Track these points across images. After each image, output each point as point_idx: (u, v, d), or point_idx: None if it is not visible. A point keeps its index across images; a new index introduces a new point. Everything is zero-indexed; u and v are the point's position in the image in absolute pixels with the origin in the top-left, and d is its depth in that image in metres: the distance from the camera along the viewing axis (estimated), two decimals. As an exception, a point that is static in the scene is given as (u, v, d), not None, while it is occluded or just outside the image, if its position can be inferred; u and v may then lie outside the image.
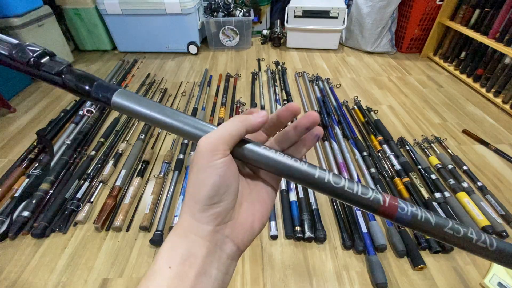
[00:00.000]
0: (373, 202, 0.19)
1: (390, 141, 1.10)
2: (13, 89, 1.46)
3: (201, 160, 0.18)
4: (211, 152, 0.18)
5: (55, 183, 0.92)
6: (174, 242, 0.18)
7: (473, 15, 1.51)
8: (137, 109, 0.21)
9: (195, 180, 0.18)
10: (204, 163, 0.18)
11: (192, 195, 0.18)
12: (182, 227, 0.18)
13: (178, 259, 0.17)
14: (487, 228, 0.78)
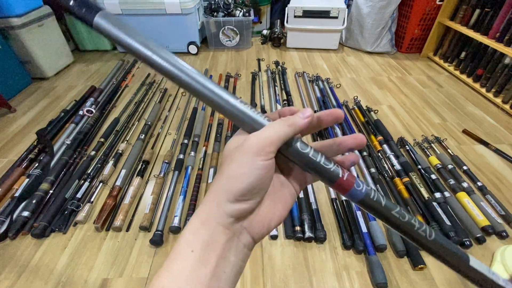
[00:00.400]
0: (333, 173, 0.20)
1: (390, 141, 1.10)
2: (13, 89, 1.46)
3: (244, 155, 0.18)
4: (257, 152, 0.18)
5: (55, 183, 0.92)
6: (196, 227, 0.18)
7: (473, 15, 1.51)
8: (120, 36, 0.20)
9: (232, 173, 0.18)
10: (246, 160, 0.18)
11: (224, 186, 0.18)
12: (205, 214, 0.18)
13: (200, 244, 0.17)
14: (487, 228, 0.78)
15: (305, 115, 0.20)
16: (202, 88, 0.20)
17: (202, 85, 0.21)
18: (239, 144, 0.19)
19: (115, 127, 1.20)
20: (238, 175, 0.18)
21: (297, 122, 0.19)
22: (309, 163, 0.20)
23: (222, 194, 0.18)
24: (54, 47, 1.65)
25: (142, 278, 0.70)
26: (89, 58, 1.88)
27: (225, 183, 0.18)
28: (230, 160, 0.19)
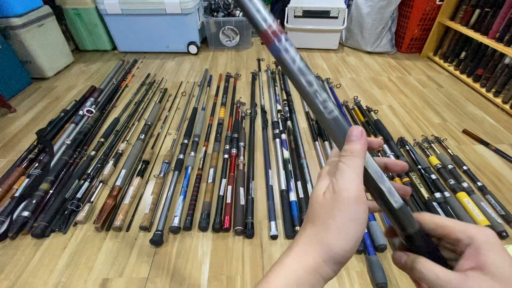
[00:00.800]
0: (260, 22, 0.19)
1: (390, 141, 1.10)
2: (13, 89, 1.46)
3: (345, 210, 0.18)
4: (355, 203, 0.18)
5: (55, 183, 0.92)
6: (302, 276, 0.18)
7: (473, 15, 1.51)
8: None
9: (338, 231, 0.18)
10: (348, 216, 0.18)
11: (331, 244, 0.19)
12: (311, 265, 0.19)
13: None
14: (487, 228, 0.78)
15: (359, 136, 0.19)
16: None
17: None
18: (331, 199, 0.19)
19: (115, 127, 1.20)
20: (343, 234, 0.18)
21: (357, 149, 0.19)
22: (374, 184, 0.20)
23: (329, 252, 0.19)
24: (54, 47, 1.65)
25: (142, 278, 0.70)
26: (89, 58, 1.88)
27: (332, 242, 0.18)
28: (329, 216, 0.19)
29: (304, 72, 0.20)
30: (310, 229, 0.20)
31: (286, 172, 0.97)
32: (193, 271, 0.71)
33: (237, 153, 1.04)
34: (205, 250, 0.76)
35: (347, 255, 0.19)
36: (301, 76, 0.20)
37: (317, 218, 0.20)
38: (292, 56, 0.20)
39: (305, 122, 1.26)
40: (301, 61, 0.21)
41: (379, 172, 0.20)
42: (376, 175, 0.20)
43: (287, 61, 0.20)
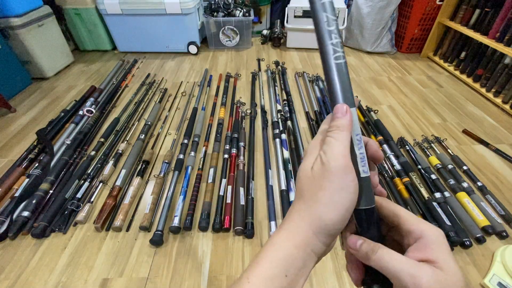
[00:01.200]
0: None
1: (390, 141, 1.10)
2: (13, 89, 1.46)
3: (334, 180, 0.19)
4: (344, 171, 0.19)
5: (55, 183, 0.92)
6: (292, 253, 0.18)
7: (473, 15, 1.51)
8: None
9: (328, 201, 0.19)
10: (337, 185, 0.19)
11: (321, 215, 0.19)
12: (302, 240, 0.19)
13: (294, 270, 0.18)
14: (487, 228, 0.78)
15: (342, 112, 0.20)
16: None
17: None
18: (320, 168, 0.19)
19: (115, 127, 1.20)
20: (333, 203, 0.19)
21: (344, 123, 0.20)
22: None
23: (320, 224, 0.19)
24: (54, 47, 1.65)
25: (142, 278, 0.70)
26: (89, 58, 1.88)
27: (321, 212, 0.19)
28: (319, 187, 0.19)
29: (327, 9, 0.20)
30: (299, 204, 0.20)
31: (286, 172, 0.97)
32: (193, 271, 0.71)
33: (237, 153, 1.04)
34: (205, 250, 0.76)
35: (337, 226, 0.19)
36: (322, 11, 0.20)
37: (306, 192, 0.20)
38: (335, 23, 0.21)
39: (305, 122, 1.26)
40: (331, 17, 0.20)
41: (359, 136, 0.21)
42: (355, 139, 0.20)
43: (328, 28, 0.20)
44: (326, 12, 0.20)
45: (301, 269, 0.18)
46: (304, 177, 0.21)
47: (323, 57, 0.21)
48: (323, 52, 0.21)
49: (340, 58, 0.20)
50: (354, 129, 0.20)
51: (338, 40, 0.20)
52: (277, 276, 0.17)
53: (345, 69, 0.20)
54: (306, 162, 0.21)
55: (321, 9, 0.20)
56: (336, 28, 0.20)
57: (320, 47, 0.21)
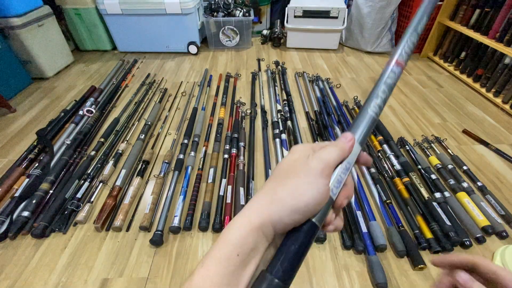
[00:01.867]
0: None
1: (390, 141, 1.10)
2: (13, 89, 1.46)
3: (308, 175, 0.20)
4: (321, 173, 0.20)
5: (55, 183, 0.92)
6: (246, 233, 0.19)
7: (473, 15, 1.51)
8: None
9: (296, 189, 0.20)
10: (310, 179, 0.20)
11: (284, 200, 0.19)
12: (258, 222, 0.19)
13: (246, 250, 0.18)
14: (487, 228, 0.78)
15: (347, 139, 0.22)
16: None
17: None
18: (302, 161, 0.21)
19: (115, 127, 1.20)
20: (301, 192, 0.19)
21: (343, 146, 0.22)
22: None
23: (281, 208, 0.19)
24: (54, 47, 1.65)
25: (142, 278, 0.70)
26: (89, 58, 1.88)
27: (285, 197, 0.19)
28: (294, 174, 0.20)
29: (391, 87, 0.25)
30: (267, 185, 0.21)
31: (286, 172, 0.97)
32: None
33: (237, 153, 1.04)
34: (205, 250, 0.76)
35: (293, 216, 0.19)
36: (385, 85, 0.25)
37: (278, 177, 0.21)
38: (395, 78, 0.26)
39: (305, 122, 1.26)
40: (393, 80, 0.26)
41: (349, 165, 0.23)
42: (345, 164, 0.22)
43: (389, 76, 0.26)
44: (387, 86, 0.25)
45: (253, 249, 0.18)
46: (283, 163, 0.22)
47: (366, 104, 0.25)
48: (368, 100, 0.25)
49: (374, 114, 0.24)
50: (348, 158, 0.22)
51: (381, 101, 0.25)
52: (229, 257, 0.18)
53: (373, 122, 0.24)
54: (290, 156, 0.23)
55: (384, 85, 0.25)
56: (384, 95, 0.25)
57: (369, 96, 0.25)
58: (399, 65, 0.26)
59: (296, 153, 0.22)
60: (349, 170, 0.23)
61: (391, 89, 0.25)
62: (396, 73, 0.26)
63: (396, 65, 0.26)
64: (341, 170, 0.22)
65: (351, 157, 0.22)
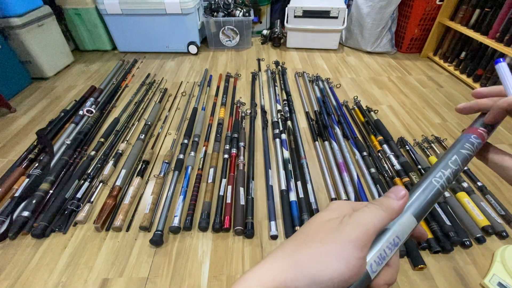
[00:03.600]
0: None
1: (390, 141, 1.10)
2: (13, 89, 1.46)
3: (341, 241, 0.16)
4: (357, 242, 0.16)
5: (55, 183, 0.92)
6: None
7: (473, 15, 1.51)
8: None
9: (319, 255, 0.16)
10: (342, 248, 0.16)
11: (304, 265, 0.16)
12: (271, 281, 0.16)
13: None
14: (487, 228, 0.78)
15: (398, 195, 0.18)
16: None
17: None
18: (335, 223, 0.17)
19: (115, 127, 1.20)
20: (326, 261, 0.16)
21: (391, 205, 0.17)
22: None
23: (298, 276, 0.16)
24: (54, 47, 1.65)
25: (142, 278, 0.70)
26: (89, 58, 1.88)
27: (307, 264, 0.16)
28: (321, 238, 0.17)
29: (466, 159, 0.22)
30: (287, 244, 0.18)
31: (286, 172, 0.97)
32: (193, 271, 0.71)
33: (237, 153, 1.04)
34: (205, 250, 0.76)
35: (322, 284, 0.15)
36: (457, 155, 0.22)
37: (303, 237, 0.18)
38: (473, 151, 0.23)
39: (305, 122, 1.26)
40: (468, 151, 0.23)
41: (397, 240, 0.18)
42: (392, 237, 0.18)
43: (464, 146, 0.23)
44: (458, 155, 0.22)
45: None
46: (313, 221, 0.19)
47: (430, 172, 0.21)
48: (433, 169, 0.22)
49: (441, 187, 0.20)
50: (398, 231, 0.18)
51: (451, 175, 0.21)
52: None
53: (436, 196, 0.20)
54: (324, 214, 0.19)
55: (457, 155, 0.22)
56: (456, 170, 0.21)
57: (434, 165, 0.22)
58: (479, 135, 0.22)
59: (332, 211, 0.19)
60: (397, 247, 0.18)
61: (466, 162, 0.22)
62: (474, 145, 0.22)
63: (476, 135, 0.22)
64: (387, 244, 0.17)
65: (402, 230, 0.18)
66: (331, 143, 1.10)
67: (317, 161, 1.05)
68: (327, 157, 1.05)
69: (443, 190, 0.20)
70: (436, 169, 0.21)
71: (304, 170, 0.98)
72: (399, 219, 0.19)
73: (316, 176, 0.99)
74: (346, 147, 1.08)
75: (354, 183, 0.93)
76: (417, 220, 0.19)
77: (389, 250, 0.18)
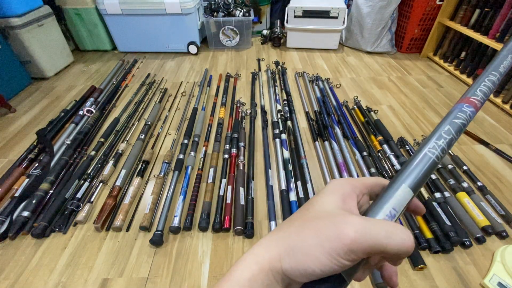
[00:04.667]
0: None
1: (390, 141, 1.10)
2: (13, 89, 1.46)
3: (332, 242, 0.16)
4: (348, 249, 0.15)
5: (55, 183, 0.92)
6: (255, 275, 0.16)
7: (473, 15, 1.51)
8: None
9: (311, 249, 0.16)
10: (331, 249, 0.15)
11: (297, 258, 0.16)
12: (265, 263, 0.16)
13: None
14: (487, 228, 0.78)
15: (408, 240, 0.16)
16: None
17: None
18: (338, 217, 0.17)
19: (115, 127, 1.20)
20: (314, 257, 0.16)
21: (405, 242, 0.16)
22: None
23: (293, 262, 0.16)
24: (54, 47, 1.65)
25: (142, 278, 0.70)
26: (89, 58, 1.88)
27: (300, 257, 0.16)
28: (318, 228, 0.16)
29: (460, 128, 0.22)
30: (285, 226, 0.18)
31: (286, 172, 0.97)
32: (193, 271, 0.71)
33: (237, 153, 1.04)
34: (205, 250, 0.76)
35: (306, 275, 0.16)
36: (450, 125, 0.22)
37: (301, 222, 0.18)
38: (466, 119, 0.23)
39: (305, 122, 1.26)
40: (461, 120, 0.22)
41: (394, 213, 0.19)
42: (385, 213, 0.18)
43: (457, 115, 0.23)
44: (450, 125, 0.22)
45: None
46: (311, 207, 0.19)
47: (423, 144, 0.21)
48: (426, 140, 0.21)
49: (436, 158, 0.20)
50: (395, 203, 0.18)
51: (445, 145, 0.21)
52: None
53: (431, 167, 0.20)
54: (324, 198, 0.19)
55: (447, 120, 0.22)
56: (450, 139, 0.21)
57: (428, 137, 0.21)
58: (471, 104, 0.22)
59: (333, 195, 0.19)
60: (394, 219, 0.18)
61: (459, 131, 0.21)
62: (467, 113, 0.22)
63: (468, 104, 0.22)
64: (383, 217, 0.18)
65: (399, 202, 0.18)
66: (331, 143, 1.10)
67: (317, 161, 1.05)
68: (327, 157, 1.05)
69: (438, 161, 0.20)
70: (430, 140, 0.21)
71: (304, 170, 0.98)
72: (395, 191, 0.19)
73: (316, 176, 0.99)
74: (346, 147, 1.08)
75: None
76: (413, 191, 0.19)
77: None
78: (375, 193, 0.21)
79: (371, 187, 0.21)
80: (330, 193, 0.19)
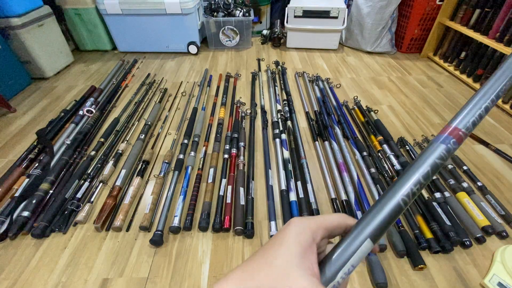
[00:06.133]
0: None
1: (390, 141, 1.10)
2: (13, 89, 1.46)
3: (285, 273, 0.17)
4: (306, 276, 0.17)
5: (55, 183, 0.92)
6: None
7: (473, 15, 1.51)
8: None
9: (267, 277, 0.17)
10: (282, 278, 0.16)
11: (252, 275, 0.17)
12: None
13: None
14: (487, 228, 0.78)
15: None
16: None
17: None
18: (290, 280, 0.17)
19: (115, 127, 1.20)
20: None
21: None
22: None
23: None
24: (54, 47, 1.65)
25: (142, 278, 0.70)
26: (89, 58, 1.88)
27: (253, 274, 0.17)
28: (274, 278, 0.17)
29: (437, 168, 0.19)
30: (248, 265, 0.18)
31: (286, 172, 0.97)
32: (193, 271, 0.71)
33: (237, 153, 1.04)
34: (205, 250, 0.76)
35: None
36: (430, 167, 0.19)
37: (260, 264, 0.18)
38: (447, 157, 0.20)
39: (305, 122, 1.26)
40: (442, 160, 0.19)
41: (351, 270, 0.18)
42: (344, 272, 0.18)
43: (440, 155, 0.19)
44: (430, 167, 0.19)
45: None
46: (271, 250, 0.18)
47: (396, 185, 0.19)
48: (400, 182, 0.19)
49: (404, 203, 0.19)
50: (353, 259, 0.18)
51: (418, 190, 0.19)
52: None
53: (396, 213, 0.19)
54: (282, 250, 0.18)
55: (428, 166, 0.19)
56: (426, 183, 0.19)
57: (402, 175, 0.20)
58: (459, 139, 0.19)
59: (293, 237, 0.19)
60: (349, 274, 0.18)
61: (436, 171, 0.19)
62: (450, 152, 0.19)
63: (455, 139, 0.19)
64: (341, 275, 0.18)
65: (358, 258, 0.18)
66: (331, 143, 1.10)
67: (317, 161, 1.05)
68: (327, 157, 1.05)
69: (405, 206, 0.19)
70: (403, 184, 0.19)
71: (304, 170, 0.98)
72: (358, 247, 0.18)
73: (316, 176, 0.99)
74: (346, 147, 1.08)
75: (354, 183, 0.93)
76: (374, 242, 0.18)
77: (342, 279, 0.18)
78: (335, 235, 0.21)
79: (332, 230, 0.21)
80: (291, 243, 0.18)
